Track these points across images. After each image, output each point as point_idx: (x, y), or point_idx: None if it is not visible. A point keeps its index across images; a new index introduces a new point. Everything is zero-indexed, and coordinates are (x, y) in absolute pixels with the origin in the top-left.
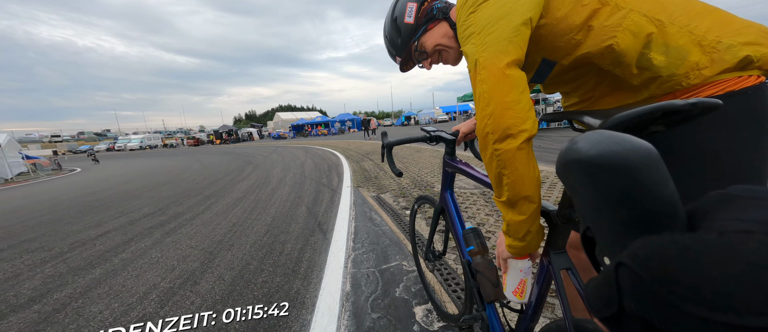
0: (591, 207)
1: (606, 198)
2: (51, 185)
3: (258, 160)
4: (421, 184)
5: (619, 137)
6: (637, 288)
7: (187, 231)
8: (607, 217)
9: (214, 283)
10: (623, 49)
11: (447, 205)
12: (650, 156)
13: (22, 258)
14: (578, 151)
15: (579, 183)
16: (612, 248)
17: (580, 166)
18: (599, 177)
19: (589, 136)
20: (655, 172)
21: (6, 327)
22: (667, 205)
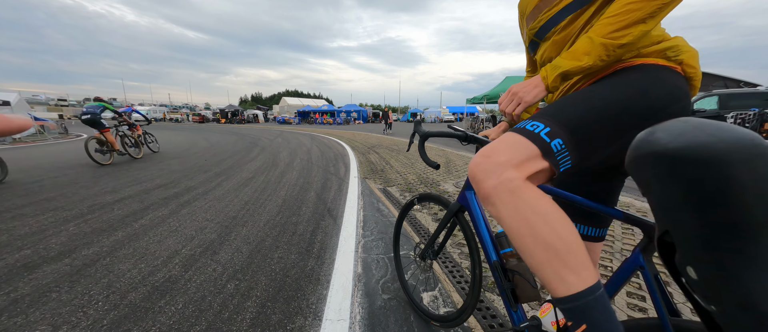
0: (673, 208)
1: (693, 197)
2: (60, 148)
3: (264, 142)
4: (427, 181)
5: (710, 125)
6: None
7: (201, 205)
8: (693, 221)
9: (232, 254)
10: None
11: (471, 207)
12: (755, 147)
13: (45, 215)
14: (656, 142)
15: (657, 179)
16: (698, 257)
17: (659, 159)
18: (685, 172)
19: (670, 124)
20: (759, 167)
21: (42, 275)
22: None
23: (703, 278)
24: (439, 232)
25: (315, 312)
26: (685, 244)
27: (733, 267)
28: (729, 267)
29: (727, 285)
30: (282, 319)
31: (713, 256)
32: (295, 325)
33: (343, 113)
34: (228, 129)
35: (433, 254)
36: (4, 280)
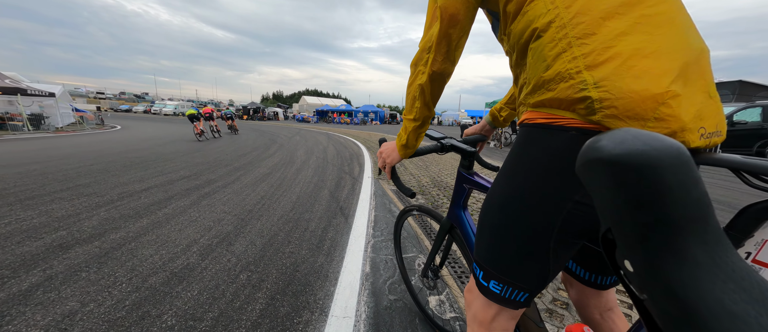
0: (613, 208)
1: (630, 199)
2: (96, 138)
3: (282, 139)
4: (441, 184)
5: (645, 135)
6: None
7: (220, 198)
8: (629, 219)
9: (247, 246)
10: None
11: (461, 225)
12: (680, 155)
13: (80, 200)
14: (601, 149)
15: (601, 183)
16: (633, 251)
17: (602, 164)
18: (623, 177)
19: (613, 134)
20: (684, 173)
21: (74, 255)
22: (696, 209)
23: (636, 270)
24: (436, 249)
25: (321, 308)
26: (623, 240)
27: (659, 260)
28: (656, 260)
29: (654, 275)
30: (289, 312)
31: (645, 251)
32: (301, 319)
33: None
34: (249, 125)
35: (434, 271)
36: (41, 258)
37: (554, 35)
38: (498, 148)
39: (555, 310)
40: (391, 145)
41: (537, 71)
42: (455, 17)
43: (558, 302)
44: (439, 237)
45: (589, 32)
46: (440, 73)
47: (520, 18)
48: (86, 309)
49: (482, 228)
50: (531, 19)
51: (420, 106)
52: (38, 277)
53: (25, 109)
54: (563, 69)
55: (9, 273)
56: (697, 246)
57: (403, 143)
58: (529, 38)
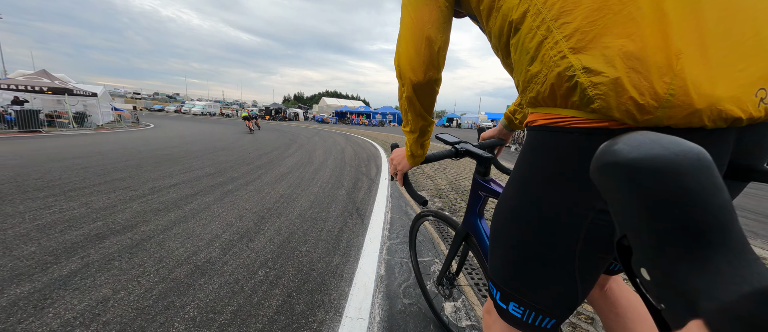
0: (629, 214)
1: (647, 205)
2: (132, 136)
3: (302, 140)
4: (459, 188)
5: (664, 139)
6: None
7: (242, 195)
8: (647, 226)
9: (265, 243)
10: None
11: (477, 234)
12: (701, 160)
13: (116, 193)
14: (618, 153)
15: (617, 188)
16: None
17: (619, 169)
18: (641, 181)
19: (630, 137)
20: (705, 178)
21: (108, 245)
22: (718, 216)
23: (654, 279)
24: (452, 257)
25: (336, 308)
26: (640, 248)
27: (678, 269)
28: (675, 269)
29: (673, 285)
30: (305, 311)
31: (663, 259)
32: (316, 318)
33: (378, 115)
34: (271, 125)
35: (449, 280)
36: (80, 246)
37: (531, 24)
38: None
39: (579, 325)
40: (401, 152)
41: (522, 67)
42: (428, 25)
43: (582, 316)
44: (454, 245)
45: (566, 9)
46: (425, 82)
47: (495, 15)
48: (118, 296)
49: (495, 241)
50: (505, 14)
51: (413, 117)
52: (77, 264)
53: (71, 108)
54: (547, 57)
55: (52, 259)
56: (718, 255)
57: (409, 153)
58: (508, 34)
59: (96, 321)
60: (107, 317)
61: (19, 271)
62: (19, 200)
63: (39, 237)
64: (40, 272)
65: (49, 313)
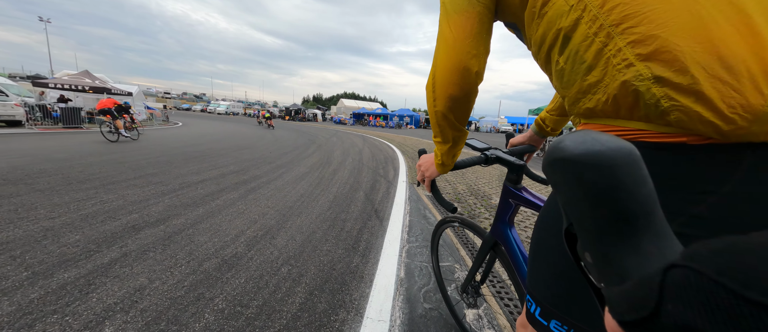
0: (573, 203)
1: (589, 195)
2: (162, 133)
3: (320, 140)
4: (479, 193)
5: (603, 136)
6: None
7: (264, 193)
8: (589, 214)
9: (287, 241)
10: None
11: (507, 244)
12: (631, 155)
13: (149, 187)
14: (564, 150)
15: (564, 180)
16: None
17: (565, 164)
18: (583, 175)
19: (574, 135)
20: (634, 171)
21: (144, 236)
22: (645, 204)
23: (595, 261)
24: (478, 266)
25: (357, 309)
26: (583, 234)
27: (614, 251)
28: (612, 251)
29: (611, 265)
30: (327, 309)
31: (601, 243)
32: (338, 318)
33: (395, 117)
34: (291, 126)
35: (474, 288)
36: (118, 236)
37: (586, 32)
38: None
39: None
40: (429, 159)
41: (576, 76)
42: (466, 36)
43: None
44: (480, 253)
45: (630, 13)
46: (463, 95)
47: (537, 22)
48: (153, 285)
49: (538, 255)
50: (551, 21)
51: (446, 129)
52: (116, 253)
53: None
54: (609, 66)
55: (95, 248)
56: (646, 238)
57: (439, 162)
58: (552, 43)
59: (134, 308)
60: (144, 304)
61: (67, 258)
62: (65, 191)
63: (83, 226)
64: (85, 259)
65: (92, 298)
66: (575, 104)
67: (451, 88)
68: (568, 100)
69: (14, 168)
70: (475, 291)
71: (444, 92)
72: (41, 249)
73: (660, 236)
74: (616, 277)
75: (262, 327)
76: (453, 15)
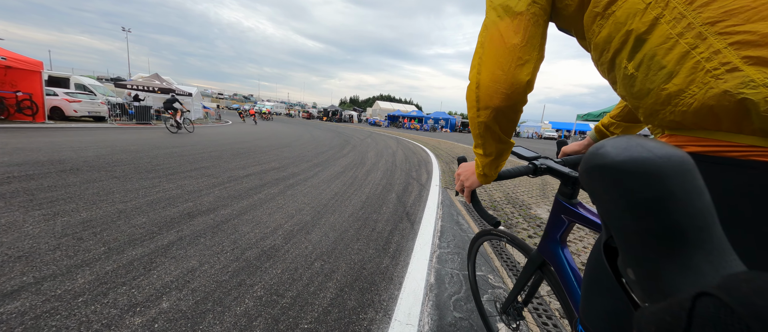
0: (616, 215)
1: (633, 206)
2: (214, 131)
3: (355, 141)
4: (516, 202)
5: (649, 143)
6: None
7: (301, 190)
8: (632, 227)
9: (321, 237)
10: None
11: (558, 265)
12: (684, 164)
13: (202, 179)
14: (605, 156)
15: (604, 189)
16: (637, 260)
17: (606, 171)
18: (627, 184)
19: (616, 140)
20: (688, 182)
21: (196, 223)
22: (699, 218)
23: (639, 279)
24: (523, 285)
25: (385, 310)
26: (625, 249)
27: (664, 270)
28: (661, 270)
29: (658, 285)
30: (356, 307)
31: (647, 259)
32: (366, 316)
33: (430, 120)
34: (327, 126)
35: (516, 310)
36: (176, 222)
37: (668, 32)
38: None
39: None
40: (470, 168)
41: (651, 84)
42: (518, 41)
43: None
44: (525, 272)
45: (733, 9)
46: (510, 106)
47: (600, 23)
48: (202, 268)
49: (594, 283)
50: (620, 22)
51: (489, 141)
52: (173, 237)
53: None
54: (698, 72)
55: (156, 230)
56: (700, 256)
57: (480, 172)
58: (619, 47)
59: (186, 287)
60: (194, 285)
61: (135, 237)
62: (136, 179)
63: (148, 210)
64: (148, 240)
65: (154, 275)
66: (653, 115)
67: (497, 98)
68: (643, 111)
69: (98, 157)
70: (517, 313)
71: (489, 103)
72: (115, 229)
73: (716, 253)
74: (661, 296)
75: (295, 317)
76: (503, 18)
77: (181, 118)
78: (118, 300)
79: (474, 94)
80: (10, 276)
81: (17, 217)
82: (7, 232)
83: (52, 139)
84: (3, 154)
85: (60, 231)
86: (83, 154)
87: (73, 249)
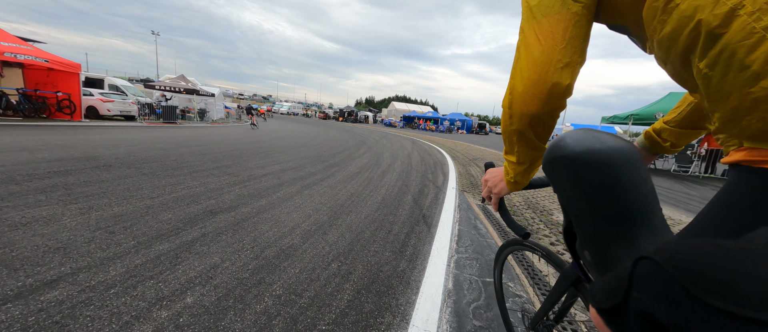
0: (573, 202)
1: (588, 193)
2: (235, 130)
3: (370, 142)
4: (536, 207)
5: (603, 136)
6: (654, 280)
7: (318, 190)
8: (588, 212)
9: (338, 238)
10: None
11: None
12: (631, 154)
13: (223, 177)
14: (565, 147)
15: (564, 178)
16: (592, 242)
17: (565, 162)
18: (583, 173)
19: (575, 133)
20: (634, 171)
21: (218, 221)
22: (644, 203)
23: (595, 259)
24: (554, 302)
25: (403, 314)
26: (583, 233)
27: (615, 250)
28: (613, 250)
29: (611, 264)
30: (373, 310)
31: (602, 241)
32: (384, 320)
33: (446, 121)
34: (343, 126)
35: (547, 328)
36: (199, 219)
37: (751, 26)
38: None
39: None
40: (498, 174)
41: (732, 87)
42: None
43: None
44: (558, 287)
45: None
46: (547, 112)
47: (663, 18)
48: (224, 264)
49: None
50: (686, 15)
51: (523, 149)
52: (197, 233)
53: (197, 105)
54: None
55: (182, 226)
56: (643, 236)
57: (511, 179)
58: (689, 43)
59: (209, 283)
60: (217, 281)
61: (161, 232)
62: (163, 176)
63: (173, 207)
64: (174, 235)
65: (179, 270)
66: (733, 123)
67: (533, 104)
68: (721, 117)
69: (129, 154)
70: (548, 331)
71: (523, 109)
72: (144, 223)
73: (658, 233)
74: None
75: (313, 317)
76: (541, 19)
77: (255, 121)
78: (147, 293)
79: (508, 100)
80: (50, 265)
81: (56, 211)
82: (48, 224)
83: (87, 137)
84: (44, 150)
85: (94, 224)
86: (115, 151)
87: (106, 243)
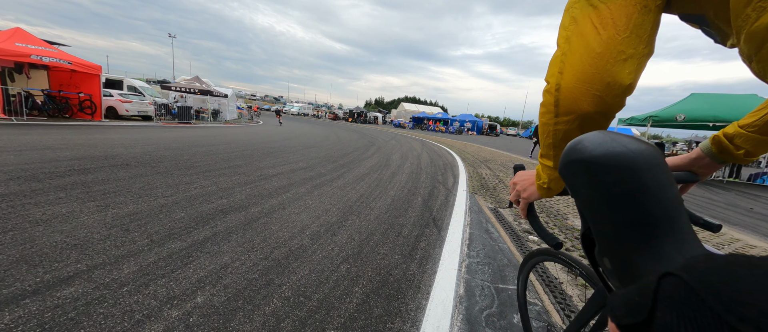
0: (592, 207)
1: (608, 198)
2: (247, 130)
3: (380, 143)
4: (551, 212)
5: (623, 138)
6: (683, 301)
7: (327, 191)
8: (608, 218)
9: (347, 240)
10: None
11: None
12: (655, 158)
13: (235, 177)
14: (582, 150)
15: (582, 183)
16: (612, 249)
17: (583, 165)
18: (602, 177)
19: (593, 135)
20: (659, 175)
21: (229, 220)
22: (669, 209)
23: (615, 267)
24: (585, 321)
25: (413, 320)
26: (602, 239)
27: (638, 258)
28: (635, 258)
29: (633, 273)
30: (382, 315)
31: (623, 249)
32: (393, 326)
33: (456, 122)
34: (352, 127)
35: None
36: (211, 218)
37: None
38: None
39: None
40: (529, 177)
41: None
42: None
43: None
44: (590, 306)
45: None
46: (605, 110)
47: (763, 6)
48: (234, 264)
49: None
50: None
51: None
52: (208, 232)
53: (210, 106)
54: None
55: (193, 225)
56: (668, 244)
57: (544, 185)
58: None
59: (219, 283)
60: (226, 281)
61: (174, 231)
62: (176, 175)
63: (186, 205)
64: (186, 234)
65: (189, 269)
66: None
67: (585, 102)
68: None
69: (145, 153)
70: None
71: (573, 107)
72: (157, 222)
73: (683, 241)
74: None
75: (322, 321)
76: (599, 5)
77: (281, 119)
78: (158, 291)
79: (552, 98)
80: (67, 262)
81: (75, 208)
82: (66, 221)
83: (106, 136)
84: (66, 149)
85: (110, 222)
86: (132, 150)
87: (121, 240)
